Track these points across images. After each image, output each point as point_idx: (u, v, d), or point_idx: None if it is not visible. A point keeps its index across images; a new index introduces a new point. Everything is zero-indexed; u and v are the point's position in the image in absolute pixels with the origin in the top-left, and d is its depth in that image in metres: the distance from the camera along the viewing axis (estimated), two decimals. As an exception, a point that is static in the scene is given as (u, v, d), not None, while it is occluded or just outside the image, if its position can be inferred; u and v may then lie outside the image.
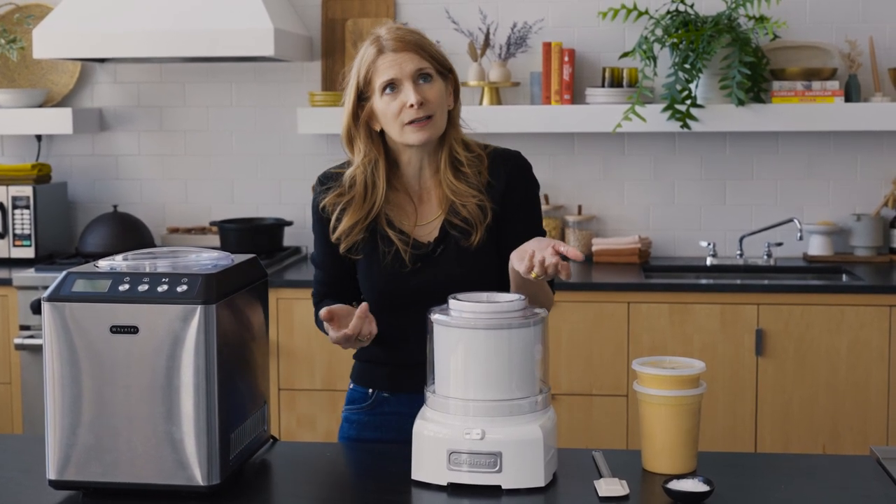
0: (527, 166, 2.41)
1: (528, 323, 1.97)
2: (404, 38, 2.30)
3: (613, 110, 4.34)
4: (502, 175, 2.37)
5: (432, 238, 2.35)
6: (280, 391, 4.16)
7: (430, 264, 2.33)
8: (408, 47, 2.29)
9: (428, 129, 2.29)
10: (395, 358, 2.38)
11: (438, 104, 2.30)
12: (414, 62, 2.28)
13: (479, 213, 2.32)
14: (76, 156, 4.88)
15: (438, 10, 4.62)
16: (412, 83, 2.27)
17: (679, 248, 4.65)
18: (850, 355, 3.95)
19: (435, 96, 2.29)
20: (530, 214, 2.39)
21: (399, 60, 2.28)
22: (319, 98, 4.53)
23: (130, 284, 1.91)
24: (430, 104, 2.28)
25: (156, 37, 4.28)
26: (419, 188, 2.39)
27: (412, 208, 2.38)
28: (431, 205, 2.38)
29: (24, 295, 4.20)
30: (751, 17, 4.35)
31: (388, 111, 2.29)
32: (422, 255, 2.34)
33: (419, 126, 2.28)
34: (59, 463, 1.93)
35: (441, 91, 2.31)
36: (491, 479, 1.93)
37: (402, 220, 2.36)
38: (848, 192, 4.57)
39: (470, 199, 2.32)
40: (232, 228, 4.57)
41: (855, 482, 2.01)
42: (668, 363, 2.07)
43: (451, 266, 2.32)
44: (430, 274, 2.33)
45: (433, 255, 2.34)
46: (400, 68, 2.28)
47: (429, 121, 2.28)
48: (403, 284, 2.32)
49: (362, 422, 2.42)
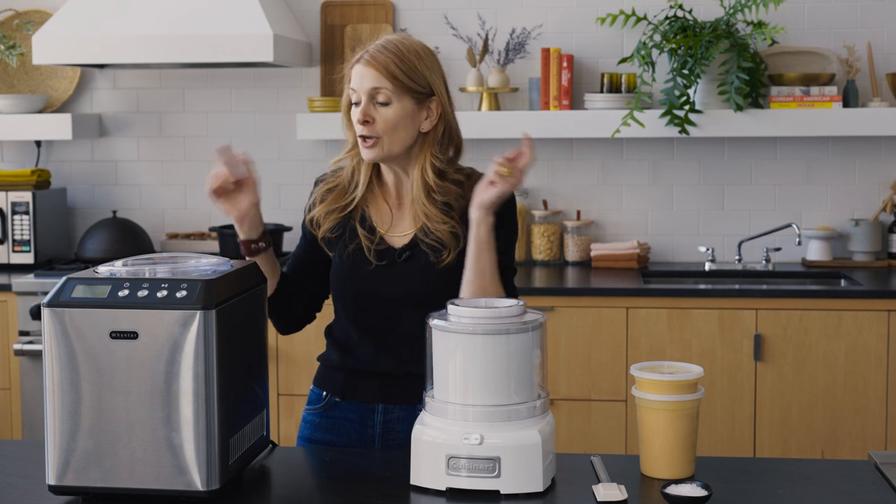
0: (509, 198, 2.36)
1: (527, 328, 1.97)
2: (377, 55, 2.30)
3: (612, 116, 4.35)
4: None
5: (402, 244, 2.37)
6: (279, 396, 4.16)
7: (394, 269, 2.35)
8: (374, 64, 2.29)
9: (373, 150, 2.31)
10: (352, 364, 2.41)
11: (387, 129, 2.30)
12: (373, 80, 2.29)
13: (451, 238, 2.34)
14: (75, 161, 4.89)
15: (437, 16, 4.63)
16: (367, 100, 2.30)
17: (678, 253, 4.66)
18: (848, 360, 3.95)
19: (385, 120, 2.29)
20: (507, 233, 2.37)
21: (362, 74, 2.30)
22: (318, 104, 4.54)
23: (130, 290, 1.91)
24: (374, 126, 2.29)
25: (155, 42, 4.28)
26: (396, 198, 2.41)
27: (389, 215, 2.40)
28: (406, 217, 2.39)
29: (23, 301, 4.20)
30: (749, 22, 4.36)
31: (353, 117, 2.33)
32: (387, 255, 2.36)
33: (365, 145, 2.31)
34: (58, 468, 1.93)
35: (398, 115, 2.30)
36: (489, 483, 1.93)
37: (378, 220, 2.39)
38: (846, 197, 4.58)
39: (441, 224, 2.33)
40: (231, 234, 4.57)
41: (853, 487, 2.01)
42: (666, 368, 2.08)
43: (415, 275, 2.34)
44: (393, 278, 2.35)
45: (398, 261, 2.36)
46: (360, 82, 2.30)
47: (374, 141, 2.30)
48: (366, 283, 2.35)
49: (315, 423, 2.46)
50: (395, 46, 2.32)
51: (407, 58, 2.31)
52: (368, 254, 2.35)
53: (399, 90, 2.29)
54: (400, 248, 2.37)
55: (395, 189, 2.41)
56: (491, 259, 2.28)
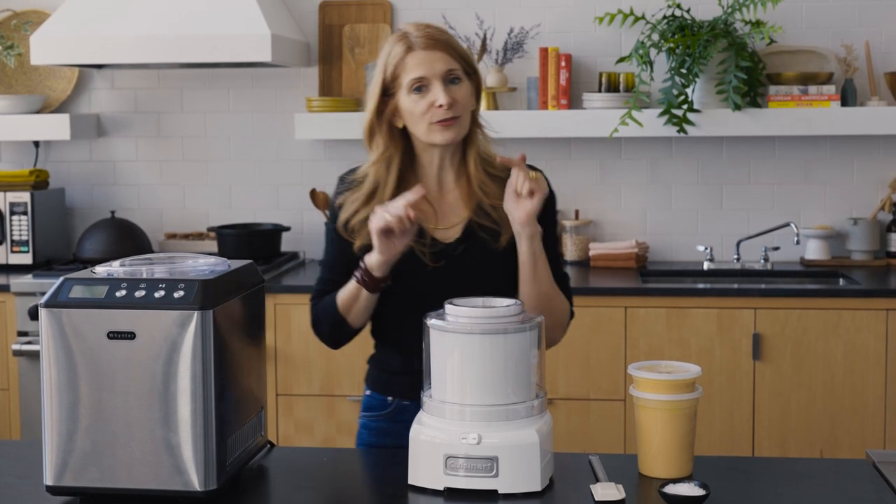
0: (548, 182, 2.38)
1: (525, 328, 1.98)
2: (435, 36, 2.28)
3: (610, 115, 4.35)
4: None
5: (454, 238, 2.33)
6: (278, 396, 4.16)
7: (452, 264, 2.31)
8: (438, 46, 2.27)
9: (454, 129, 2.27)
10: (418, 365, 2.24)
11: (465, 106, 2.29)
12: (444, 62, 2.27)
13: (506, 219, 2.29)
14: (74, 162, 4.89)
15: (435, 15, 4.63)
16: (442, 83, 2.25)
17: (676, 252, 4.66)
18: (846, 359, 3.95)
19: (463, 97, 2.28)
20: (551, 232, 2.37)
21: (429, 59, 2.26)
22: (317, 103, 4.54)
23: (127, 290, 1.91)
24: (457, 105, 2.27)
25: (153, 42, 4.28)
26: (438, 189, 2.36)
27: (431, 210, 2.35)
28: (454, 206, 2.35)
29: (21, 301, 4.20)
30: (747, 21, 4.36)
31: (416, 109, 2.27)
32: (443, 254, 2.31)
33: (445, 125, 2.26)
34: (56, 469, 1.93)
35: (468, 92, 2.30)
36: (487, 483, 1.93)
37: (422, 221, 2.32)
38: (844, 197, 4.58)
39: (499, 201, 2.30)
40: (229, 234, 4.57)
41: (851, 486, 2.01)
42: (664, 367, 2.08)
43: (476, 266, 2.29)
44: (453, 274, 2.29)
45: (454, 255, 2.31)
46: (430, 67, 2.26)
47: (455, 121, 2.27)
48: (424, 285, 2.28)
49: (382, 429, 2.42)
50: (438, 29, 2.31)
51: (454, 38, 2.33)
52: (424, 258, 2.30)
53: (463, 68, 2.29)
54: (453, 241, 2.33)
55: (437, 179, 2.36)
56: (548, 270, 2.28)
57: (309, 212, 4.78)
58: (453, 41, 2.31)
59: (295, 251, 4.79)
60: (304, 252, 4.81)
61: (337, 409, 4.15)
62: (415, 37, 2.28)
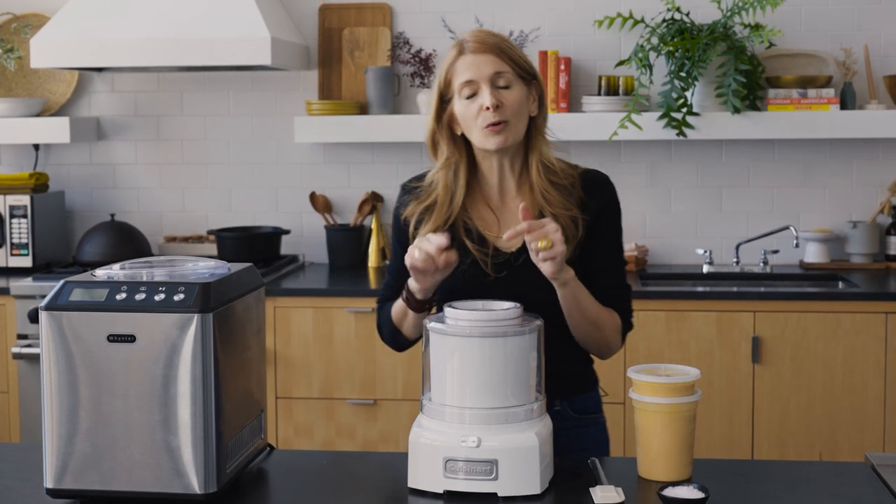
0: (616, 192, 2.39)
1: (524, 331, 1.98)
2: (484, 40, 2.26)
3: (609, 118, 4.35)
4: (599, 197, 2.34)
5: (515, 248, 2.30)
6: (277, 399, 4.16)
7: (514, 275, 2.28)
8: (487, 49, 2.25)
9: (503, 133, 2.24)
10: None
11: (515, 110, 2.25)
12: (492, 65, 2.24)
13: (571, 226, 2.27)
14: (73, 165, 4.89)
15: (434, 18, 4.63)
16: (489, 86, 2.23)
17: (675, 255, 4.66)
18: (846, 362, 3.96)
19: (512, 101, 2.24)
20: (614, 240, 2.37)
21: (477, 62, 2.24)
22: (316, 107, 4.54)
23: (127, 293, 1.91)
24: (505, 109, 2.23)
25: (153, 46, 4.28)
26: (500, 197, 2.34)
27: (493, 218, 2.33)
28: (516, 214, 2.28)
29: (21, 304, 4.20)
30: (746, 25, 4.36)
31: (467, 114, 2.26)
32: (504, 265, 2.29)
33: (494, 130, 2.24)
34: (56, 471, 1.93)
35: (520, 97, 2.26)
36: (487, 486, 1.93)
37: (484, 228, 2.32)
38: (844, 200, 4.58)
39: (563, 210, 2.27)
40: (229, 237, 4.57)
41: (850, 489, 2.01)
42: (663, 370, 2.08)
43: (536, 278, 2.22)
44: (514, 285, 2.26)
45: (515, 265, 2.28)
46: (478, 70, 2.24)
47: (504, 125, 2.24)
48: (486, 293, 2.22)
49: None
50: (490, 33, 2.28)
51: (509, 42, 2.30)
52: (486, 267, 2.28)
53: (514, 73, 2.26)
54: (515, 251, 2.30)
55: (498, 187, 2.34)
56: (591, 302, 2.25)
57: (308, 215, 4.78)
58: (505, 45, 2.27)
59: (294, 254, 4.79)
60: (303, 255, 4.81)
61: (336, 412, 4.15)
62: (467, 41, 2.28)
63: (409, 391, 4.10)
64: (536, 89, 2.31)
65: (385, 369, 4.11)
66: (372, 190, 4.73)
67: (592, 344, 2.34)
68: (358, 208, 4.68)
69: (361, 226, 4.69)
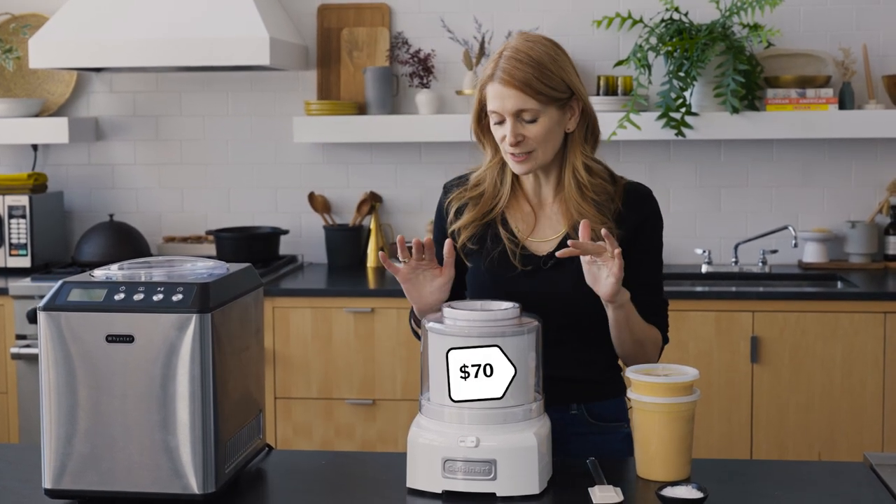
0: (658, 206, 2.39)
1: (522, 331, 1.98)
2: (514, 73, 2.21)
3: (608, 118, 4.34)
4: (639, 211, 2.33)
5: (546, 251, 2.30)
6: (276, 400, 4.16)
7: (539, 276, 2.28)
8: (513, 85, 2.21)
9: (527, 163, 2.25)
10: None
11: (540, 141, 2.23)
12: (515, 101, 2.21)
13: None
14: (72, 165, 4.89)
15: (433, 18, 4.63)
16: (513, 120, 2.22)
17: (674, 255, 4.66)
18: (845, 362, 3.96)
19: (536, 134, 2.23)
20: (654, 255, 2.36)
21: (503, 95, 2.22)
22: (315, 107, 4.54)
23: (126, 294, 1.91)
24: (528, 142, 2.23)
25: (152, 46, 4.28)
26: (538, 201, 2.35)
27: (532, 217, 2.34)
28: (552, 220, 2.32)
29: (20, 304, 4.20)
30: (745, 24, 4.37)
31: (496, 135, 2.27)
32: (532, 261, 2.29)
33: (517, 160, 2.25)
34: (55, 472, 1.93)
35: (546, 127, 2.23)
36: (486, 486, 1.93)
37: (518, 225, 2.33)
38: (842, 200, 4.58)
39: (597, 224, 2.25)
40: (228, 237, 4.57)
41: (849, 489, 2.01)
42: (661, 370, 2.08)
43: (562, 282, 2.25)
44: (538, 285, 2.27)
45: (543, 268, 2.28)
46: (502, 103, 2.22)
47: (527, 156, 2.24)
48: (510, 289, 2.23)
49: None
50: (528, 57, 2.22)
51: (545, 67, 2.23)
52: (513, 258, 2.28)
53: (544, 104, 2.23)
54: (545, 254, 2.29)
55: (535, 194, 2.35)
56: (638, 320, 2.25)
57: (307, 215, 4.78)
58: (535, 78, 2.21)
59: (293, 254, 4.79)
60: (302, 255, 4.81)
61: (335, 412, 4.15)
62: (500, 66, 2.24)
63: (408, 391, 4.10)
64: (577, 104, 2.29)
65: (384, 369, 4.11)
66: (371, 190, 4.73)
67: (632, 359, 2.34)
68: (357, 208, 4.68)
69: (360, 226, 4.69)
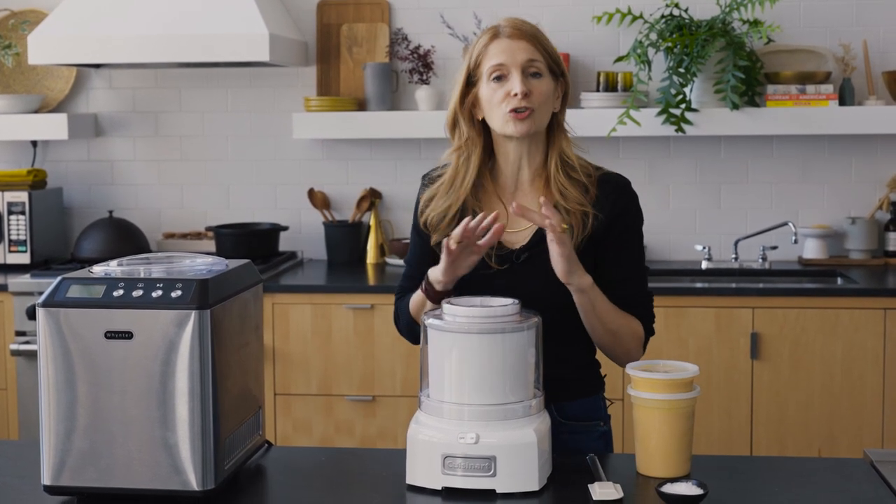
0: (636, 197, 2.35)
1: (522, 327, 1.98)
2: (521, 27, 2.27)
3: (608, 114, 4.35)
4: (614, 198, 2.29)
5: (520, 244, 2.28)
6: (276, 396, 4.16)
7: (513, 271, 2.26)
8: (523, 36, 2.25)
9: (528, 121, 2.23)
10: None
11: (542, 101, 2.24)
12: (527, 52, 2.24)
13: (580, 222, 2.24)
14: (71, 161, 4.89)
15: (433, 14, 4.63)
16: (520, 73, 2.22)
17: (674, 251, 4.66)
18: (845, 358, 3.96)
19: (541, 92, 2.23)
20: (633, 247, 2.34)
21: (512, 48, 2.24)
22: (315, 103, 4.54)
23: (125, 290, 1.91)
24: (533, 97, 2.22)
25: (151, 42, 4.28)
26: (514, 188, 2.32)
27: (504, 212, 2.30)
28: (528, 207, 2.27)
29: (19, 300, 4.20)
30: (745, 20, 4.36)
31: (493, 98, 2.24)
32: (507, 259, 2.26)
33: (519, 117, 2.22)
34: (54, 468, 1.93)
35: (548, 89, 2.25)
36: (485, 483, 1.93)
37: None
38: (842, 196, 4.58)
39: (577, 206, 2.24)
40: (227, 234, 4.57)
41: (849, 485, 2.01)
42: (661, 367, 2.08)
43: (537, 278, 2.23)
44: (513, 282, 2.23)
45: (516, 262, 2.27)
46: (511, 55, 2.23)
47: (530, 113, 2.22)
48: (485, 288, 2.19)
49: None
50: (526, 21, 2.29)
51: (543, 33, 2.29)
52: (489, 259, 2.25)
53: (546, 65, 2.26)
54: (517, 248, 2.27)
55: (514, 177, 2.31)
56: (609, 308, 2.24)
57: (307, 211, 4.78)
58: (542, 37, 2.28)
59: (293, 251, 4.79)
60: (301, 251, 4.81)
61: (335, 408, 4.15)
62: (503, 26, 2.28)
63: (408, 388, 4.10)
64: (562, 86, 2.31)
65: (383, 366, 4.11)
66: (370, 186, 4.72)
67: (610, 352, 2.34)
68: (356, 205, 4.68)
69: (360, 222, 4.69)
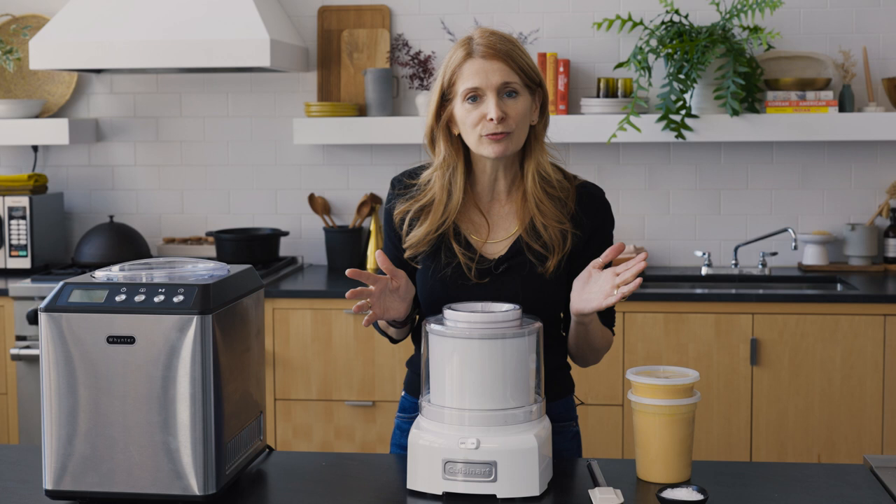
0: (610, 206, 2.36)
1: (523, 333, 1.98)
2: (495, 45, 2.20)
3: (608, 120, 4.35)
4: (592, 212, 2.29)
5: (498, 255, 2.27)
6: (276, 401, 4.16)
7: (492, 283, 2.25)
8: (497, 56, 2.19)
9: (504, 143, 2.19)
10: None
11: (519, 121, 2.20)
12: (501, 74, 2.18)
13: (559, 239, 2.24)
14: (72, 166, 4.89)
15: (434, 20, 4.64)
16: (495, 96, 2.17)
17: (674, 257, 4.66)
18: (844, 364, 3.96)
19: (517, 112, 2.19)
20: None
21: (486, 69, 2.18)
22: (315, 108, 4.54)
23: (127, 295, 1.92)
24: (510, 120, 2.18)
25: (152, 47, 4.29)
26: (491, 199, 2.30)
27: (483, 221, 2.29)
28: (504, 219, 2.28)
29: (20, 305, 4.20)
30: (745, 27, 4.37)
31: (468, 119, 2.20)
32: (485, 271, 2.25)
33: (495, 139, 2.18)
34: (55, 473, 1.93)
35: (525, 107, 2.21)
36: (486, 488, 1.93)
37: (472, 234, 2.28)
38: (842, 202, 4.59)
39: (555, 223, 2.23)
40: (228, 239, 4.57)
41: (849, 491, 2.01)
42: (662, 373, 2.08)
43: (515, 288, 2.22)
44: (493, 292, 2.23)
45: (495, 273, 2.25)
46: (486, 78, 2.18)
47: (506, 136, 2.18)
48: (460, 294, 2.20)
49: None
50: (501, 35, 2.22)
51: (518, 46, 2.23)
52: (469, 272, 2.24)
53: (523, 81, 2.20)
54: (496, 259, 2.26)
55: (490, 189, 2.29)
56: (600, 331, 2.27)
57: (307, 216, 4.78)
58: (516, 52, 2.21)
59: (293, 256, 4.79)
60: (302, 257, 4.81)
61: (335, 413, 4.15)
62: (476, 44, 2.22)
63: (408, 393, 4.10)
64: (540, 96, 2.26)
65: (384, 371, 4.12)
66: (371, 192, 4.73)
67: (582, 361, 2.37)
68: (357, 210, 4.68)
69: (360, 227, 4.69)
